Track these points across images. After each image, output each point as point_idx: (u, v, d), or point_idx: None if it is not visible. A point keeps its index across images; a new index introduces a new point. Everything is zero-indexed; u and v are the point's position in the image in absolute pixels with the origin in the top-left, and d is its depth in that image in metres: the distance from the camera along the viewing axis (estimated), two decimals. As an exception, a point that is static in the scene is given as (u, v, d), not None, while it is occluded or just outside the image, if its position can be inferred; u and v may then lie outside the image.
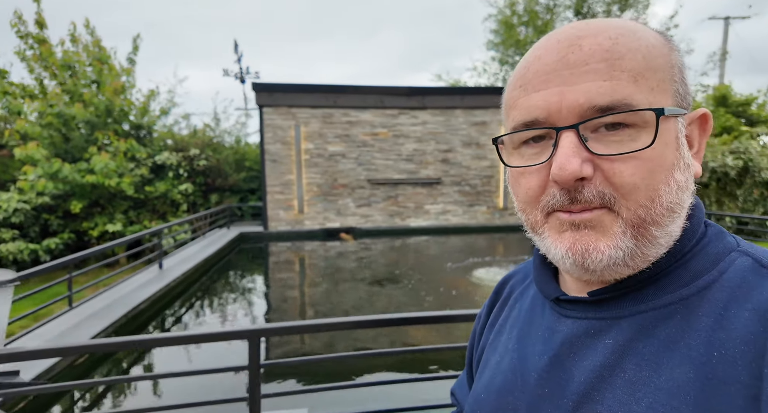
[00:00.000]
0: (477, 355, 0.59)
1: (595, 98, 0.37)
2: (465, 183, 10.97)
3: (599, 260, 0.38)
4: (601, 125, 0.38)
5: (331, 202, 10.46)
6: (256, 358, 1.87)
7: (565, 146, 0.37)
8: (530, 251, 5.57)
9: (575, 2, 15.09)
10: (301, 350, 3.66)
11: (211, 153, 12.16)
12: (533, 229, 0.44)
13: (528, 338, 0.48)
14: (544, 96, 0.39)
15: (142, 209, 11.12)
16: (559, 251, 0.40)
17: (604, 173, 0.37)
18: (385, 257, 8.13)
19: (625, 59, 0.37)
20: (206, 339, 1.91)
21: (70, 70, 10.05)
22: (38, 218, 9.95)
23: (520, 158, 0.43)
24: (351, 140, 10.36)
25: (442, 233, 10.57)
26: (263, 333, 1.90)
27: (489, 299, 0.61)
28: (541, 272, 0.50)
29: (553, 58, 0.39)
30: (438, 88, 10.59)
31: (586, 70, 0.37)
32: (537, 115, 0.40)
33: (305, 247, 9.19)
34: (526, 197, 0.43)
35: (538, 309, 0.49)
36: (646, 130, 0.37)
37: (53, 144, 10.08)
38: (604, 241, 0.38)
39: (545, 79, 0.39)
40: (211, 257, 7.09)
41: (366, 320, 1.95)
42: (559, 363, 0.42)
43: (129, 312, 4.05)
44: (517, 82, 0.42)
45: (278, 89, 9.79)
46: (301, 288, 6.31)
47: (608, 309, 0.41)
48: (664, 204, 0.38)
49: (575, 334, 0.42)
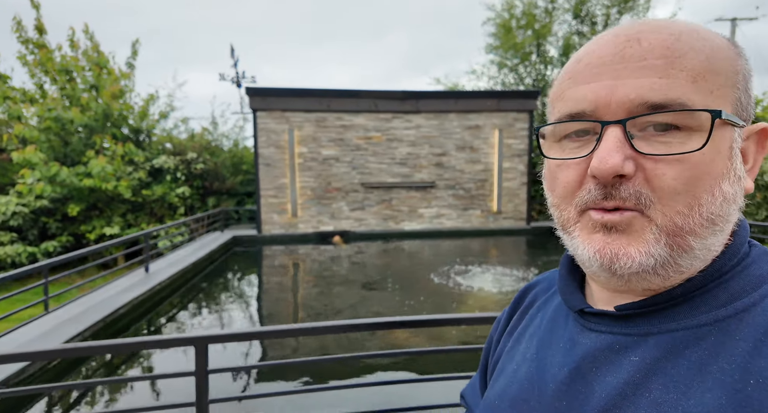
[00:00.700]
0: (492, 361, 0.57)
1: (647, 94, 0.35)
2: (459, 187, 10.96)
3: (628, 266, 0.37)
4: (650, 123, 0.36)
5: (324, 205, 10.50)
6: (203, 365, 1.91)
7: (609, 141, 0.36)
8: (523, 253, 5.63)
9: (574, 5, 15.05)
10: (299, 351, 3.74)
11: (208, 157, 12.27)
12: (564, 227, 0.43)
13: (548, 348, 0.47)
14: (594, 88, 0.38)
15: (140, 212, 11.25)
16: (586, 252, 0.39)
17: (646, 174, 0.36)
18: (375, 261, 8.15)
19: (686, 58, 0.35)
20: (153, 346, 1.94)
21: (68, 75, 10.20)
22: (37, 222, 10.10)
23: (560, 151, 0.42)
24: (345, 144, 10.41)
25: (436, 236, 10.56)
26: (210, 340, 1.94)
27: (510, 306, 0.60)
28: (567, 282, 0.48)
29: (608, 52, 0.38)
30: (432, 92, 10.60)
31: (642, 65, 0.36)
32: (584, 107, 0.38)
33: (298, 251, 9.24)
34: (563, 192, 0.41)
35: (561, 320, 0.48)
36: (698, 134, 0.35)
37: (52, 148, 10.24)
38: (635, 246, 0.36)
39: (597, 72, 0.38)
40: (200, 261, 7.15)
41: (320, 326, 1.97)
42: (579, 376, 0.41)
43: (107, 317, 4.10)
44: (566, 74, 0.41)
45: (272, 93, 9.87)
46: (289, 293, 6.34)
47: (636, 325, 0.39)
48: (704, 214, 0.36)
49: (598, 348, 0.41)
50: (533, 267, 7.30)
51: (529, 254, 9.00)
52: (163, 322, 4.88)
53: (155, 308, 5.09)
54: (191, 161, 11.76)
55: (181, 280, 6.18)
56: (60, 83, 10.30)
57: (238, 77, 11.68)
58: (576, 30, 15.42)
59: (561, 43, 15.33)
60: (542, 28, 14.99)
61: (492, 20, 16.03)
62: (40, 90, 10.50)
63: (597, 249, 0.38)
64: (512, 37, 15.31)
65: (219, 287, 6.41)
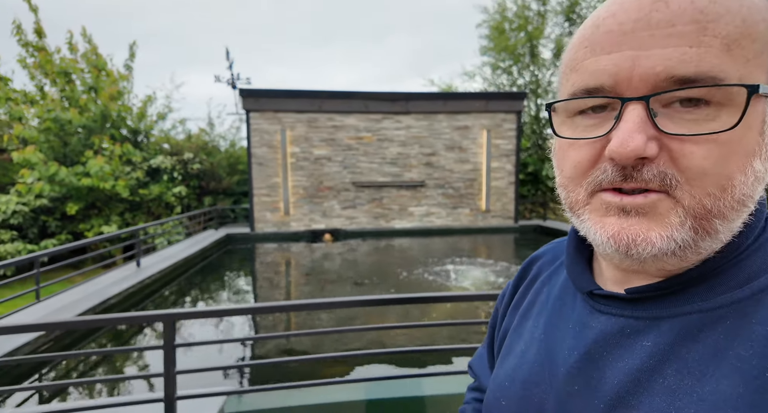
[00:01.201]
0: (499, 336, 0.56)
1: (676, 67, 0.31)
2: (448, 186, 11.19)
3: (647, 251, 0.34)
4: (676, 99, 0.33)
5: (316, 204, 10.75)
6: (170, 339, 2.14)
7: (630, 120, 0.33)
8: (511, 251, 5.87)
9: (566, 8, 15.26)
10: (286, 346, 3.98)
11: (205, 157, 12.55)
12: (572, 209, 0.40)
13: (557, 329, 0.45)
14: (615, 60, 0.34)
15: (138, 211, 11.53)
16: (599, 237, 0.36)
17: (671, 154, 0.33)
18: (365, 258, 8.39)
19: (720, 22, 0.31)
20: (124, 321, 2.17)
21: (66, 77, 10.48)
22: (37, 220, 10.38)
23: (573, 128, 0.38)
24: (336, 144, 10.66)
25: (426, 234, 10.79)
26: (177, 317, 2.18)
27: (514, 279, 0.58)
28: (575, 259, 0.46)
29: (631, 17, 0.33)
30: (421, 93, 10.84)
31: (670, 32, 0.32)
32: (603, 81, 0.35)
33: (290, 248, 9.48)
34: (573, 172, 0.38)
35: (569, 299, 0.46)
36: (729, 109, 0.31)
37: (52, 148, 10.53)
38: (657, 231, 0.34)
39: (618, 41, 0.34)
40: (192, 257, 7.40)
41: (287, 304, 2.19)
42: (591, 361, 0.39)
43: (97, 306, 4.35)
44: (582, 42, 0.37)
45: (264, 95, 10.13)
46: (274, 287, 6.59)
47: (646, 309, 0.37)
48: (737, 196, 0.33)
49: (609, 332, 0.39)
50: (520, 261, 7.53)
51: (516, 251, 9.22)
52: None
53: (145, 300, 5.34)
54: (188, 161, 12.03)
55: (172, 274, 6.43)
56: (60, 85, 10.59)
57: (233, 79, 11.94)
58: (569, 32, 15.63)
59: (554, 45, 15.54)
60: (535, 30, 15.20)
61: (486, 23, 16.27)
62: (41, 92, 10.79)
63: (611, 234, 0.35)
64: (505, 39, 15.53)
65: (208, 282, 6.65)
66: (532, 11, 15.56)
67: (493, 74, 16.90)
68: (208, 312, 2.23)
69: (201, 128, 13.73)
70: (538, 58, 15.67)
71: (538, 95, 15.76)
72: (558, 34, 15.70)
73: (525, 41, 15.41)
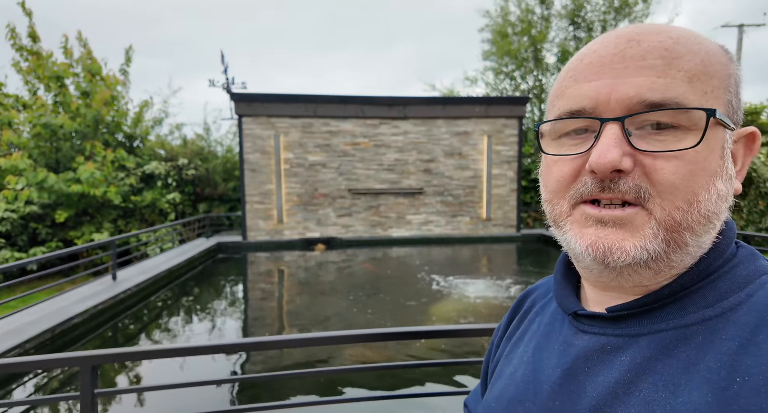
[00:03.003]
0: (492, 366, 0.58)
1: (645, 93, 0.36)
2: (448, 193, 10.83)
3: (621, 260, 0.37)
4: (647, 122, 0.37)
5: (311, 212, 10.43)
6: (90, 387, 1.80)
7: (608, 137, 0.37)
8: (514, 261, 5.50)
9: (570, 12, 14.91)
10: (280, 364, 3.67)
11: (200, 162, 12.31)
12: (556, 222, 0.43)
13: (544, 351, 0.47)
14: (595, 86, 0.39)
15: (131, 218, 11.29)
16: (579, 246, 0.39)
17: (645, 169, 0.37)
18: (359, 270, 8.04)
19: (683, 59, 0.37)
20: (38, 366, 1.85)
21: (59, 82, 10.30)
22: (26, 227, 10.16)
23: (558, 148, 0.42)
24: (331, 150, 10.35)
25: (425, 243, 10.43)
26: (98, 360, 1.84)
27: (509, 312, 0.61)
28: (562, 285, 0.49)
29: (609, 51, 0.39)
30: (419, 98, 10.51)
31: (642, 65, 0.37)
32: (584, 104, 0.39)
33: (283, 258, 9.16)
34: (556, 186, 0.42)
35: (557, 323, 0.49)
36: (693, 132, 0.36)
37: (43, 154, 10.33)
38: (631, 241, 0.37)
39: (598, 71, 0.39)
40: (176, 268, 7.10)
41: (225, 344, 1.86)
42: (572, 376, 0.42)
43: (56, 327, 4.04)
44: (567, 73, 0.42)
45: (257, 99, 9.86)
46: (266, 303, 6.25)
47: (626, 326, 0.40)
48: (702, 211, 0.37)
49: (591, 349, 0.41)
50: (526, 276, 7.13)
51: (519, 263, 8.82)
52: (119, 333, 4.81)
53: (114, 318, 5.02)
54: (182, 167, 11.80)
55: (151, 288, 6.12)
56: (53, 90, 10.41)
57: (228, 83, 11.71)
58: (573, 36, 15.27)
59: (558, 49, 15.18)
60: (538, 34, 14.86)
61: (488, 27, 15.96)
62: (34, 96, 10.62)
63: (589, 243, 0.38)
64: (508, 43, 15.20)
65: (192, 297, 6.33)
66: (536, 15, 15.22)
67: (495, 79, 16.57)
68: (135, 353, 1.90)
69: (197, 134, 13.52)
70: (542, 63, 15.30)
71: (542, 100, 15.38)
72: (562, 39, 15.35)
73: (528, 45, 15.06)
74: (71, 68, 10.69)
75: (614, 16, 14.69)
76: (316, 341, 1.74)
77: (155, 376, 3.64)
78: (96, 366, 1.82)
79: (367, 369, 2.00)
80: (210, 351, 2.06)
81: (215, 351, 1.90)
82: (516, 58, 15.32)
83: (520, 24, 15.14)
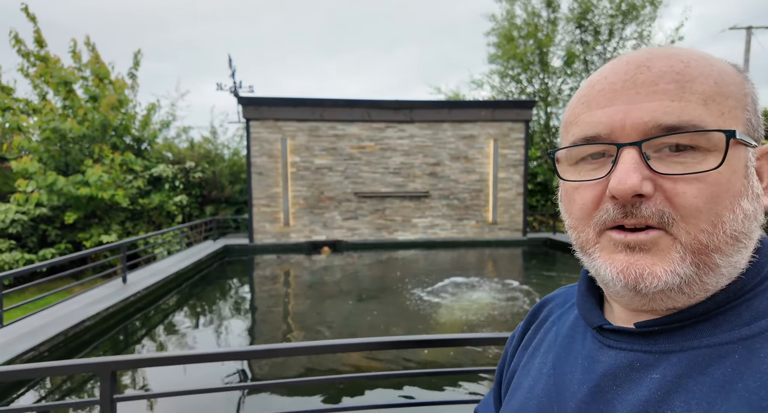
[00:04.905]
0: (507, 377, 0.57)
1: (660, 118, 0.36)
2: (453, 197, 10.83)
3: (654, 285, 0.36)
4: (665, 145, 0.37)
5: (317, 215, 10.47)
6: (109, 393, 1.84)
7: (626, 162, 0.36)
8: (519, 266, 5.51)
9: (577, 15, 14.89)
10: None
11: (206, 165, 12.40)
12: (583, 248, 0.43)
13: (566, 364, 0.46)
14: (608, 112, 0.38)
15: (139, 220, 11.39)
16: (609, 273, 0.39)
17: (666, 193, 0.36)
18: (367, 272, 8.06)
19: (696, 82, 0.36)
20: (57, 372, 1.89)
21: (66, 87, 10.42)
22: (36, 229, 10.29)
23: (576, 173, 0.42)
24: (338, 153, 10.39)
25: (431, 247, 10.44)
26: (118, 366, 1.87)
27: (524, 321, 0.60)
28: (586, 298, 0.48)
29: (620, 78, 0.39)
30: (425, 101, 10.53)
31: (654, 90, 0.37)
32: (599, 130, 0.39)
33: (289, 260, 9.20)
34: (580, 213, 0.41)
35: (579, 336, 0.48)
36: (713, 154, 0.35)
37: (52, 157, 10.45)
38: (661, 266, 0.36)
39: (610, 97, 0.39)
40: (185, 271, 7.15)
41: (236, 351, 1.88)
42: (599, 394, 0.40)
43: (69, 330, 4.09)
44: (579, 100, 0.42)
45: (264, 103, 9.93)
46: (273, 307, 6.29)
47: (656, 343, 0.39)
48: (728, 232, 0.36)
49: (619, 366, 0.40)
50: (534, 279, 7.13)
51: (525, 267, 8.81)
52: (131, 336, 4.86)
53: (125, 321, 5.07)
54: (190, 170, 11.89)
55: (160, 291, 6.17)
56: (62, 94, 10.53)
57: (235, 87, 11.80)
58: (580, 39, 15.25)
59: (564, 52, 15.16)
60: (545, 37, 14.84)
61: (494, 31, 15.97)
62: (43, 100, 10.75)
63: (620, 269, 0.38)
64: (514, 46, 15.20)
65: (199, 300, 6.38)
66: (542, 18, 15.22)
67: (501, 82, 16.57)
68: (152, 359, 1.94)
69: (204, 137, 13.61)
70: (548, 66, 15.28)
71: (548, 103, 15.36)
72: (569, 42, 15.32)
73: (534, 49, 15.05)
74: (80, 72, 10.82)
75: (621, 19, 14.65)
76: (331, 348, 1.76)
77: (156, 377, 3.67)
78: (115, 372, 1.86)
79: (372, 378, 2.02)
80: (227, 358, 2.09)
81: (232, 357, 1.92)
82: (522, 62, 15.32)
83: (526, 27, 15.13)
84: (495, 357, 3.85)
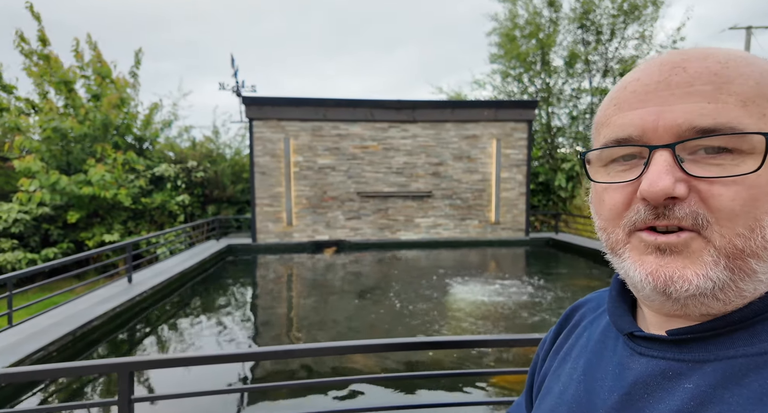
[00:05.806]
0: (538, 380, 0.57)
1: (695, 120, 0.35)
2: (456, 197, 10.84)
3: (684, 289, 0.35)
4: (700, 147, 0.35)
5: (320, 214, 10.47)
6: (127, 393, 1.84)
7: (658, 164, 0.35)
8: (522, 266, 5.49)
9: (579, 15, 14.89)
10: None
11: (208, 165, 12.38)
12: (613, 250, 0.42)
13: (596, 371, 0.45)
14: (641, 114, 0.37)
15: (141, 219, 11.37)
16: (638, 275, 0.38)
17: (701, 194, 0.35)
18: (369, 271, 8.06)
19: (734, 83, 0.35)
20: (75, 373, 1.89)
21: (68, 86, 10.40)
22: (39, 228, 10.27)
23: (607, 175, 0.41)
24: (341, 153, 10.39)
25: (433, 246, 10.44)
26: (136, 366, 1.88)
27: (556, 325, 0.59)
28: (617, 303, 0.47)
29: (653, 79, 0.38)
30: (428, 101, 10.53)
31: (689, 91, 0.35)
32: (630, 132, 0.38)
33: (292, 260, 9.20)
34: (610, 214, 0.41)
35: (610, 342, 0.47)
36: (752, 157, 0.34)
37: (54, 157, 10.44)
38: (692, 269, 0.35)
39: (643, 99, 0.38)
40: (189, 270, 7.15)
41: (248, 353, 1.88)
42: (630, 403, 0.39)
43: (77, 329, 4.08)
44: (611, 101, 0.41)
45: (267, 103, 9.92)
46: (276, 306, 6.29)
47: (690, 351, 0.38)
48: (767, 237, 0.34)
49: (650, 374, 0.39)
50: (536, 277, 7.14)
51: (527, 266, 8.82)
52: (138, 336, 4.86)
53: (133, 320, 5.07)
54: (191, 169, 11.88)
55: (166, 290, 6.17)
56: (63, 93, 10.51)
57: (238, 86, 11.79)
58: (581, 39, 15.25)
59: (566, 52, 15.16)
60: (547, 37, 14.84)
61: (496, 31, 15.96)
62: (44, 99, 10.73)
63: (650, 271, 0.37)
64: (516, 46, 15.20)
65: (204, 299, 6.38)
66: (544, 18, 15.21)
67: (503, 82, 16.56)
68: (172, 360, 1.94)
69: (206, 136, 13.59)
70: (550, 66, 15.28)
71: (550, 103, 15.36)
72: (570, 42, 15.32)
73: (536, 49, 15.05)
74: (82, 71, 10.80)
75: (623, 19, 14.65)
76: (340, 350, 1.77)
77: (156, 377, 3.67)
78: (132, 372, 1.86)
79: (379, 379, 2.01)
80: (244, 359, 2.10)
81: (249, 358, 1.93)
82: (524, 61, 15.32)
83: (528, 27, 15.13)
84: (496, 359, 3.85)
